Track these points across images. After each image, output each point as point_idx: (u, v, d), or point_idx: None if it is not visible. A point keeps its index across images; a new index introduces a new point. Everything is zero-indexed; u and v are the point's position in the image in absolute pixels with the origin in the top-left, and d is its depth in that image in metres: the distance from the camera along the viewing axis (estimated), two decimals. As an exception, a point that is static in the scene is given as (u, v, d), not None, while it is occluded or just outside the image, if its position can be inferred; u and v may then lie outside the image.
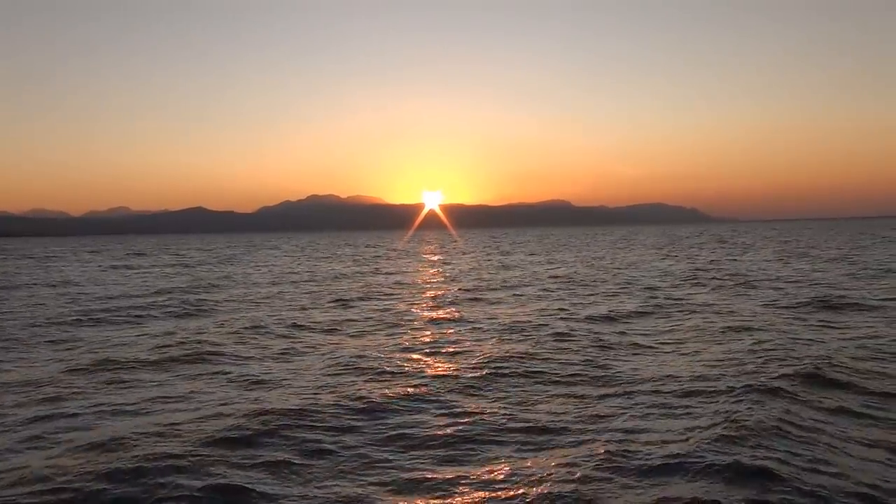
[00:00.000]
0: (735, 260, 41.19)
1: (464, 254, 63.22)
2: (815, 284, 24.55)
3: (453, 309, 20.22)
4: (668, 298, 21.61)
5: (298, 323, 17.60)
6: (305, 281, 32.26)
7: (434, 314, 19.12)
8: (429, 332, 15.81)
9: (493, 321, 17.37)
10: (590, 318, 17.38)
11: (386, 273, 37.85)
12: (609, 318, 17.37)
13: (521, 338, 14.53)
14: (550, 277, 31.47)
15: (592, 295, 23.44)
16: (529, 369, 11.42)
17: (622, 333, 15.03)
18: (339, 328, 16.81)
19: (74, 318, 19.21)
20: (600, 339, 14.14)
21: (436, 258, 55.86)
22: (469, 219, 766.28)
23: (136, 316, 19.60)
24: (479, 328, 16.33)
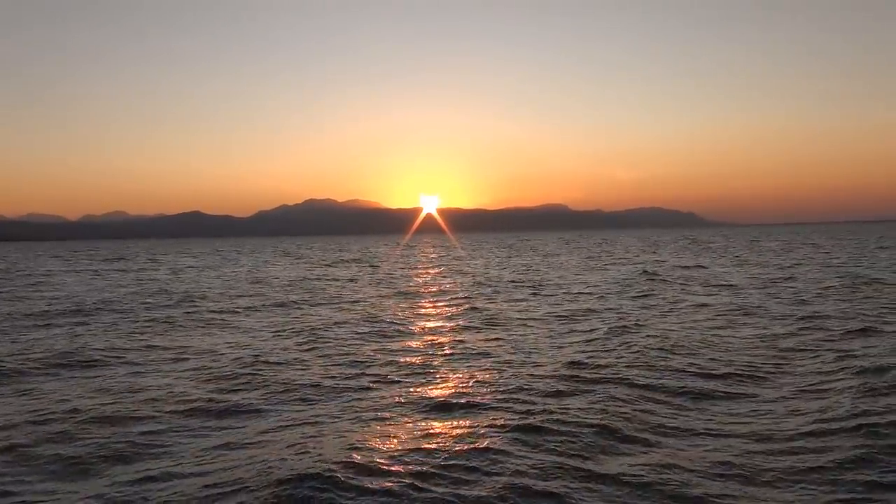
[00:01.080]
0: (684, 264, 41.79)
1: (432, 260, 63.71)
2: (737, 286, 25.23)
3: (358, 315, 20.76)
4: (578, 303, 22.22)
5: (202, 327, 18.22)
6: (256, 294, 32.75)
7: (334, 317, 19.65)
8: (302, 337, 16.29)
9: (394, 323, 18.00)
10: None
11: (345, 280, 38.37)
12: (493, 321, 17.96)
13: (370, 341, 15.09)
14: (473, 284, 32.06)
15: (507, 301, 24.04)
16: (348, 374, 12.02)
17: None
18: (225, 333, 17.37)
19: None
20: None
21: (410, 263, 56.36)
22: (466, 223, 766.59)
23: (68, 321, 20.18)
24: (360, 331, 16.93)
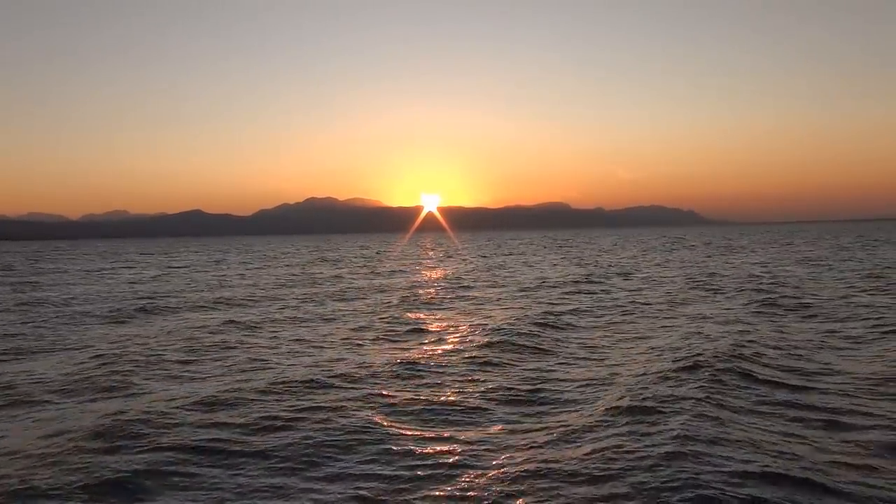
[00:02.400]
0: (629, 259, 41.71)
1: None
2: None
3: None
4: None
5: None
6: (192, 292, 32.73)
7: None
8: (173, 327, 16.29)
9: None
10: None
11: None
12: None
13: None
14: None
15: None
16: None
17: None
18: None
19: None
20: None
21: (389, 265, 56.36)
22: (467, 221, 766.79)
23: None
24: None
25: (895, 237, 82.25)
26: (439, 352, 13.62)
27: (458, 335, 15.73)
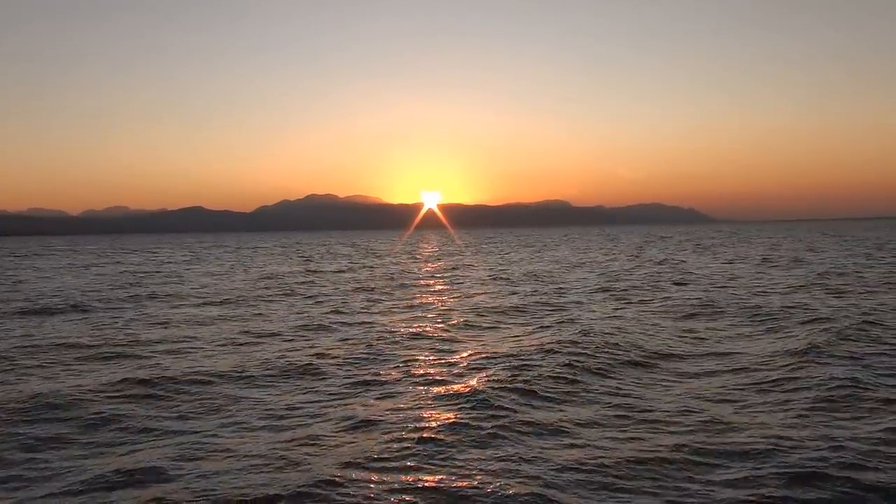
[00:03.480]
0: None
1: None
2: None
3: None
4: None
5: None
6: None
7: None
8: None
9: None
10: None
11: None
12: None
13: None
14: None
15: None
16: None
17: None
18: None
19: None
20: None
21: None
22: (467, 218, 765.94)
23: None
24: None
25: (885, 236, 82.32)
26: (319, 353, 13.95)
27: (352, 336, 16.13)
